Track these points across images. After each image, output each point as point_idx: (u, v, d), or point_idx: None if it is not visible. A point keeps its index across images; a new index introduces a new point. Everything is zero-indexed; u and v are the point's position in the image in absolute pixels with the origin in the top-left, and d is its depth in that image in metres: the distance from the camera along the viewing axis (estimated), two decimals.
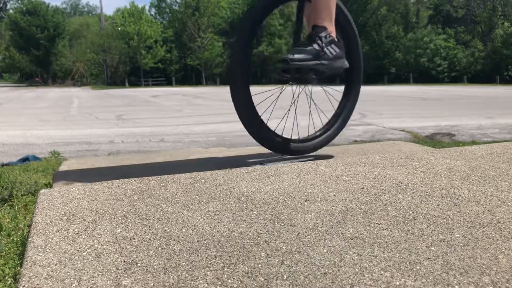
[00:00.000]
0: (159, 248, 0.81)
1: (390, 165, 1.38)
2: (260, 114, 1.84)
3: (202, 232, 0.88)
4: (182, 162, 2.25)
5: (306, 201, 1.06)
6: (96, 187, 1.20)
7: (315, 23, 1.76)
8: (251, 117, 1.82)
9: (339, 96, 2.08)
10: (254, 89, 1.82)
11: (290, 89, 1.95)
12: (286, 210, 1.00)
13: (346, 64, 1.84)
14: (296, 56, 1.64)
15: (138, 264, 0.75)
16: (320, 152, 2.06)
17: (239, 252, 0.79)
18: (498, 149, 1.57)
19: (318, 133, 2.05)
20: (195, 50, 40.02)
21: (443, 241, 0.80)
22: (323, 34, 1.72)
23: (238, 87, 1.76)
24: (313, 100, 2.01)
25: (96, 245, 0.83)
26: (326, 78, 1.79)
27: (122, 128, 6.19)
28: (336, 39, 1.78)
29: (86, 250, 0.81)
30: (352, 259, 0.75)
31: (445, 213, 0.95)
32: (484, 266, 0.71)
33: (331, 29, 1.76)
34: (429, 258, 0.74)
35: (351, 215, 0.95)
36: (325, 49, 1.71)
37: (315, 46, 1.69)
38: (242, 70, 1.74)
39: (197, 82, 40.97)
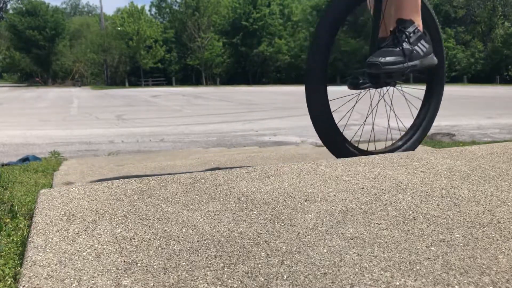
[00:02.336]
0: (159, 248, 0.81)
1: (390, 165, 1.38)
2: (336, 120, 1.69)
3: (202, 232, 0.88)
4: (182, 162, 2.25)
5: (306, 201, 1.06)
6: (96, 187, 1.20)
7: (400, 16, 1.55)
8: (327, 124, 1.66)
9: (413, 96, 1.89)
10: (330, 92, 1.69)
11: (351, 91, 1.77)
12: (286, 210, 1.00)
13: (435, 60, 1.64)
14: (388, 59, 1.46)
15: (138, 264, 0.75)
16: (320, 152, 2.06)
17: (239, 252, 0.79)
18: (498, 149, 1.57)
19: (398, 144, 1.89)
20: (195, 50, 40.02)
21: (443, 241, 0.80)
22: (410, 29, 1.53)
23: (316, 91, 1.63)
24: (392, 108, 1.86)
25: (96, 245, 0.83)
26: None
27: (122, 128, 6.19)
28: (424, 33, 1.59)
29: (86, 250, 0.81)
30: (352, 259, 0.75)
31: (445, 213, 0.95)
32: (484, 266, 0.71)
33: (418, 22, 1.56)
34: (429, 258, 0.74)
35: (351, 215, 0.95)
36: (415, 46, 1.53)
37: (406, 45, 1.51)
38: (321, 73, 1.60)
39: (197, 82, 40.97)
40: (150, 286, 0.68)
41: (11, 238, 1.09)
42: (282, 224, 0.91)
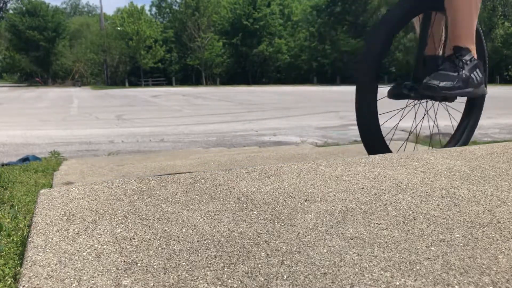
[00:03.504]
0: (159, 248, 0.81)
1: (390, 165, 1.38)
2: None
3: (202, 232, 0.88)
4: (182, 162, 2.25)
5: (306, 201, 1.06)
6: (96, 187, 1.20)
7: (457, 44, 1.60)
8: (373, 128, 1.72)
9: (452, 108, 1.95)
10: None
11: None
12: (286, 210, 1.00)
13: (486, 91, 1.71)
14: (445, 84, 1.51)
15: (138, 264, 0.75)
16: (320, 152, 2.06)
17: (239, 252, 0.79)
18: (498, 149, 1.57)
19: None
20: (195, 50, 40.03)
21: (443, 241, 0.80)
22: (467, 57, 1.58)
23: (366, 99, 1.69)
24: (436, 123, 1.93)
25: (96, 245, 0.83)
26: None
27: (122, 128, 6.19)
28: (479, 62, 1.64)
29: (86, 250, 0.81)
30: (352, 259, 0.75)
31: (445, 213, 0.95)
32: (484, 266, 0.71)
33: (474, 51, 1.61)
34: (429, 258, 0.74)
35: (351, 215, 0.95)
36: (471, 74, 1.58)
37: (465, 72, 1.55)
38: (372, 85, 1.65)
39: (197, 82, 40.98)
40: (150, 286, 0.68)
41: (11, 238, 1.09)
42: (282, 224, 0.91)
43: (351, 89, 2.14)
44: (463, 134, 2.00)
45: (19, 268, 0.85)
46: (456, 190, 1.11)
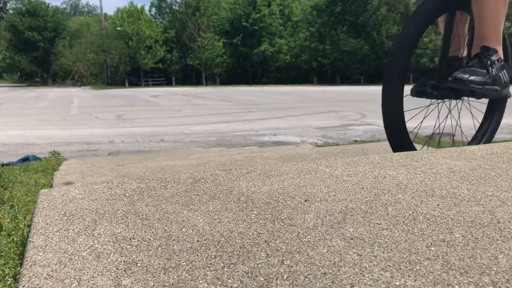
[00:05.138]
0: (159, 248, 0.81)
1: (390, 165, 1.38)
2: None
3: (202, 232, 0.88)
4: (182, 162, 2.25)
5: (306, 201, 1.06)
6: (96, 187, 1.20)
7: (485, 43, 1.63)
8: (400, 126, 1.76)
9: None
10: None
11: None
12: (286, 210, 1.00)
13: (510, 93, 1.73)
14: (475, 78, 1.54)
15: (138, 264, 0.75)
16: (320, 152, 2.06)
17: (239, 252, 0.79)
18: (498, 149, 1.57)
19: None
20: (195, 50, 40.03)
21: (443, 241, 0.80)
22: (494, 57, 1.61)
23: (394, 95, 1.72)
24: (459, 125, 1.97)
25: (96, 245, 0.83)
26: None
27: (122, 128, 6.19)
28: (506, 64, 1.66)
29: (86, 250, 0.81)
30: (352, 259, 0.75)
31: (445, 213, 0.95)
32: (484, 266, 0.71)
33: (501, 52, 1.64)
34: (429, 258, 0.74)
35: (351, 215, 0.95)
36: (499, 73, 1.61)
37: (494, 70, 1.58)
38: (400, 80, 1.68)
39: (197, 82, 40.98)
40: (150, 286, 0.68)
41: (11, 238, 1.09)
42: (282, 224, 0.91)
43: (351, 89, 2.16)
44: (484, 135, 2.03)
45: (19, 268, 0.85)
46: (456, 190, 1.11)
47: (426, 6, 1.67)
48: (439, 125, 1.93)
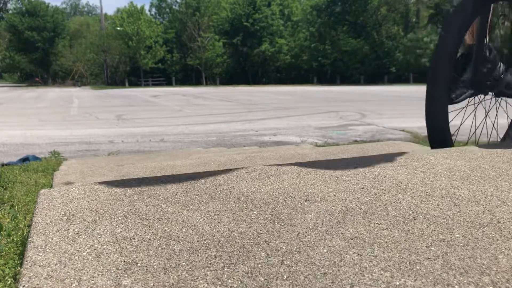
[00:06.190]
0: (159, 248, 0.81)
1: (390, 165, 1.38)
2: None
3: (202, 232, 0.88)
4: (182, 162, 2.25)
5: (306, 201, 1.06)
6: (96, 187, 1.20)
7: None
8: (446, 125, 1.82)
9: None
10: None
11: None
12: (286, 210, 1.00)
13: None
14: None
15: (138, 264, 0.75)
16: (320, 152, 2.05)
17: (239, 252, 0.79)
18: (498, 149, 1.57)
19: None
20: (195, 50, 40.01)
21: (443, 241, 0.80)
22: None
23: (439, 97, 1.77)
24: (495, 127, 2.05)
25: (96, 245, 0.83)
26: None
27: (122, 128, 6.19)
28: None
29: (86, 250, 0.81)
30: (352, 259, 0.75)
31: (445, 213, 0.95)
32: (484, 266, 0.71)
33: None
34: (429, 258, 0.74)
35: (351, 215, 0.95)
36: None
37: None
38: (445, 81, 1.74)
39: (197, 82, 40.95)
40: (150, 286, 0.68)
41: (11, 238, 1.09)
42: (282, 224, 0.91)
43: (351, 89, 2.16)
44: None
45: (19, 268, 0.85)
46: (456, 190, 1.11)
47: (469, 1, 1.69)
48: (478, 124, 1.99)
